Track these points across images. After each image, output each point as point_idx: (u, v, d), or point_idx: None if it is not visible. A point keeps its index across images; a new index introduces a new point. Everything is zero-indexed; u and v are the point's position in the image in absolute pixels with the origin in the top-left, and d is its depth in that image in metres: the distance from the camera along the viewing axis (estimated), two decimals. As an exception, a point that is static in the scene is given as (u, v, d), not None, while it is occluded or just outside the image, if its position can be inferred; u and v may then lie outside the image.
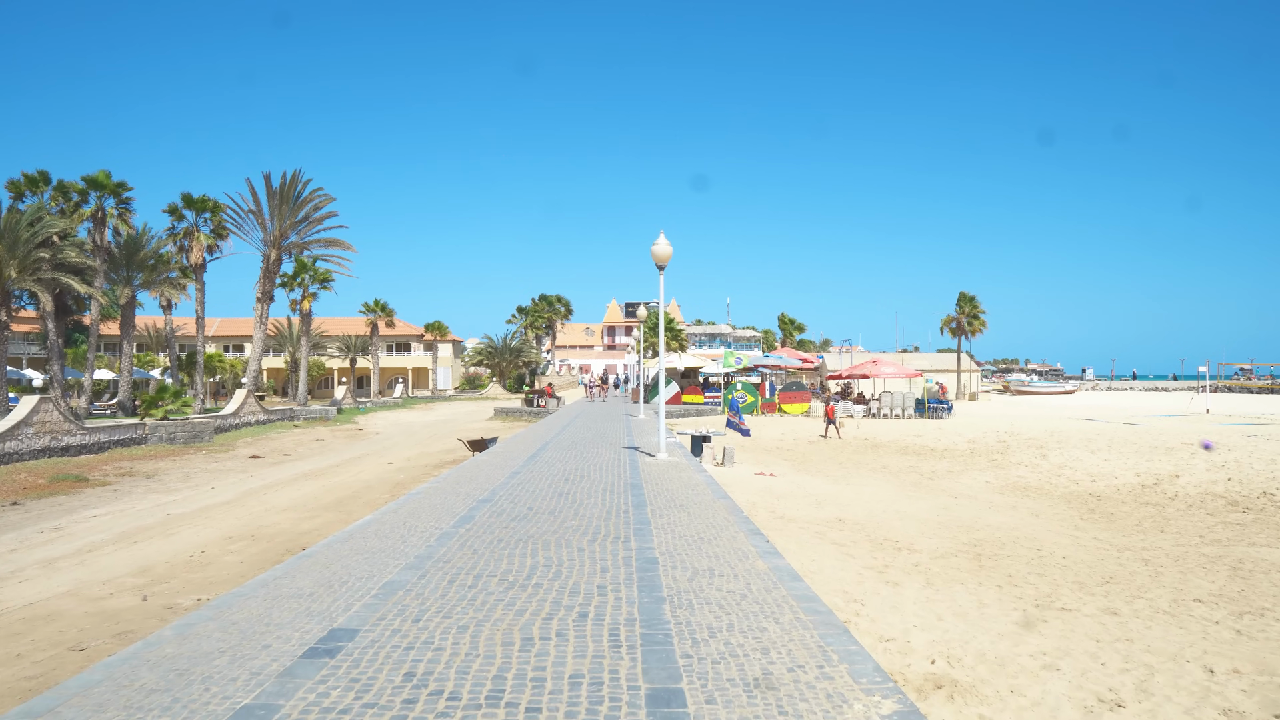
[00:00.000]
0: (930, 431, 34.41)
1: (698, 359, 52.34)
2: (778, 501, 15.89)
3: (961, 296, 69.60)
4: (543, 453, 18.23)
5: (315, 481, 20.44)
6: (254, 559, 11.77)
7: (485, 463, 16.29)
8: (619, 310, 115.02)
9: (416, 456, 26.21)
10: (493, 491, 11.92)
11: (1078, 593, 10.04)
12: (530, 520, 9.57)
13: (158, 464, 25.08)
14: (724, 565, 7.36)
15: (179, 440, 31.02)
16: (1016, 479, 22.41)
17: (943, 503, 17.58)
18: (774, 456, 26.55)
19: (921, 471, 24.17)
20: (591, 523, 9.41)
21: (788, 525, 13.26)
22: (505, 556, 7.69)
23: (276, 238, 47.95)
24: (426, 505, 10.78)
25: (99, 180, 42.13)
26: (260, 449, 30.50)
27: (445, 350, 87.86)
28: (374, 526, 9.30)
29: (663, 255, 16.40)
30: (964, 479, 22.66)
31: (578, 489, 12.18)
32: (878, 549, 12.06)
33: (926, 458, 27.43)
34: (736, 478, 18.61)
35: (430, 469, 21.83)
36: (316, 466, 24.57)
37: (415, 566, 7.30)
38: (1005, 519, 15.75)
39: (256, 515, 15.39)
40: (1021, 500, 18.76)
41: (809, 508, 15.60)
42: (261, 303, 48.02)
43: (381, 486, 18.73)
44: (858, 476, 22.30)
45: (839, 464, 25.37)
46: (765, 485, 18.05)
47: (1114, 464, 24.31)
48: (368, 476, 21.13)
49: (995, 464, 25.48)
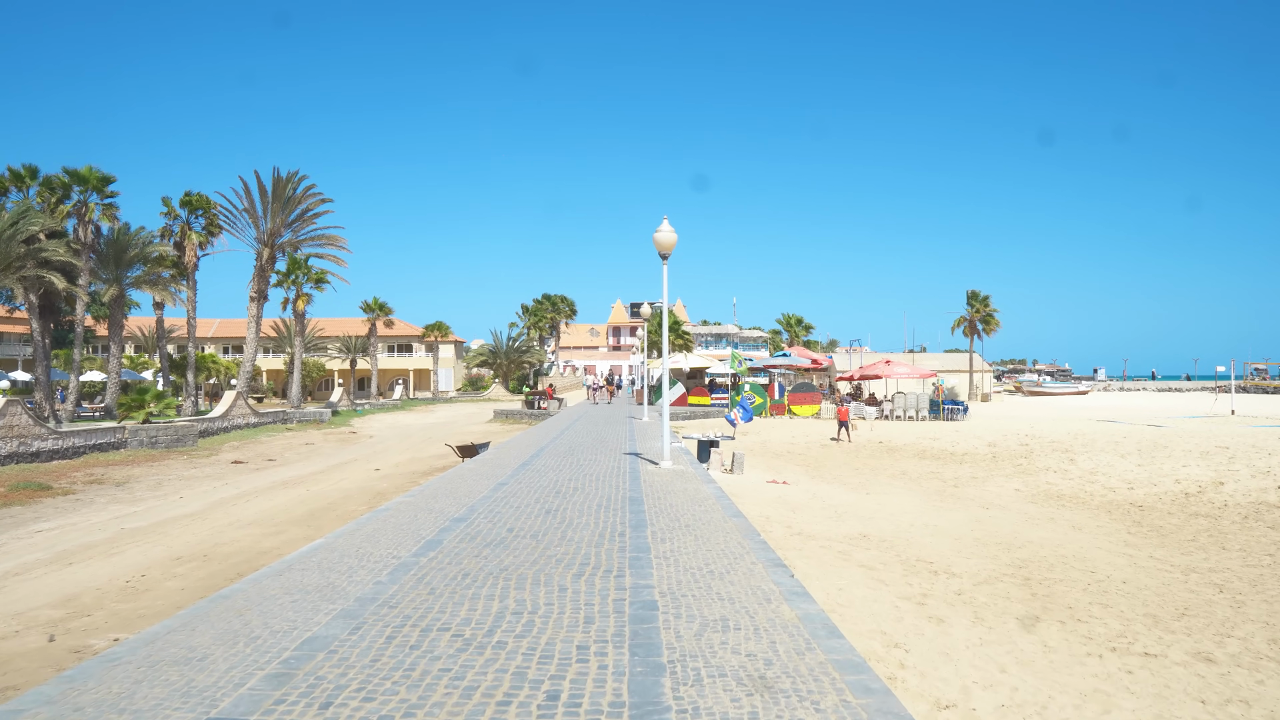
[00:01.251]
0: (947, 434, 32.83)
1: (704, 359, 50.81)
2: (793, 514, 14.38)
3: (973, 295, 67.99)
4: (536, 460, 16.74)
5: (292, 490, 18.98)
6: (199, 584, 10.29)
7: (472, 471, 14.81)
8: (624, 311, 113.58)
9: (406, 462, 24.74)
10: (470, 508, 10.42)
11: (1154, 629, 8.51)
12: (507, 547, 8.07)
13: (132, 470, 23.66)
14: (740, 612, 5.85)
15: (161, 444, 29.62)
16: (1047, 486, 20.85)
17: (974, 514, 16.03)
18: (785, 461, 25.02)
19: (944, 478, 22.61)
20: (580, 549, 7.91)
21: (807, 544, 11.75)
22: (467, 599, 6.19)
23: (270, 236, 46.56)
24: (391, 525, 9.29)
25: (83, 175, 40.79)
26: (245, 454, 29.08)
27: (447, 351, 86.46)
28: (320, 554, 7.83)
29: (666, 243, 14.90)
30: (990, 486, 21.11)
31: (569, 505, 10.68)
32: (911, 572, 10.54)
33: (947, 463, 25.87)
34: (747, 486, 17.10)
35: (417, 476, 20.36)
36: (299, 473, 23.12)
37: (352, 614, 5.80)
38: (1046, 534, 14.21)
39: (217, 530, 13.92)
40: (1058, 511, 17.21)
41: (828, 521, 14.08)
42: (255, 302, 46.63)
43: (361, 496, 17.26)
44: (877, 484, 20.76)
45: (855, 470, 23.82)
46: (778, 495, 16.53)
47: (1149, 470, 22.74)
48: (350, 485, 19.67)
49: (1021, 469, 23.92)
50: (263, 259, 46.21)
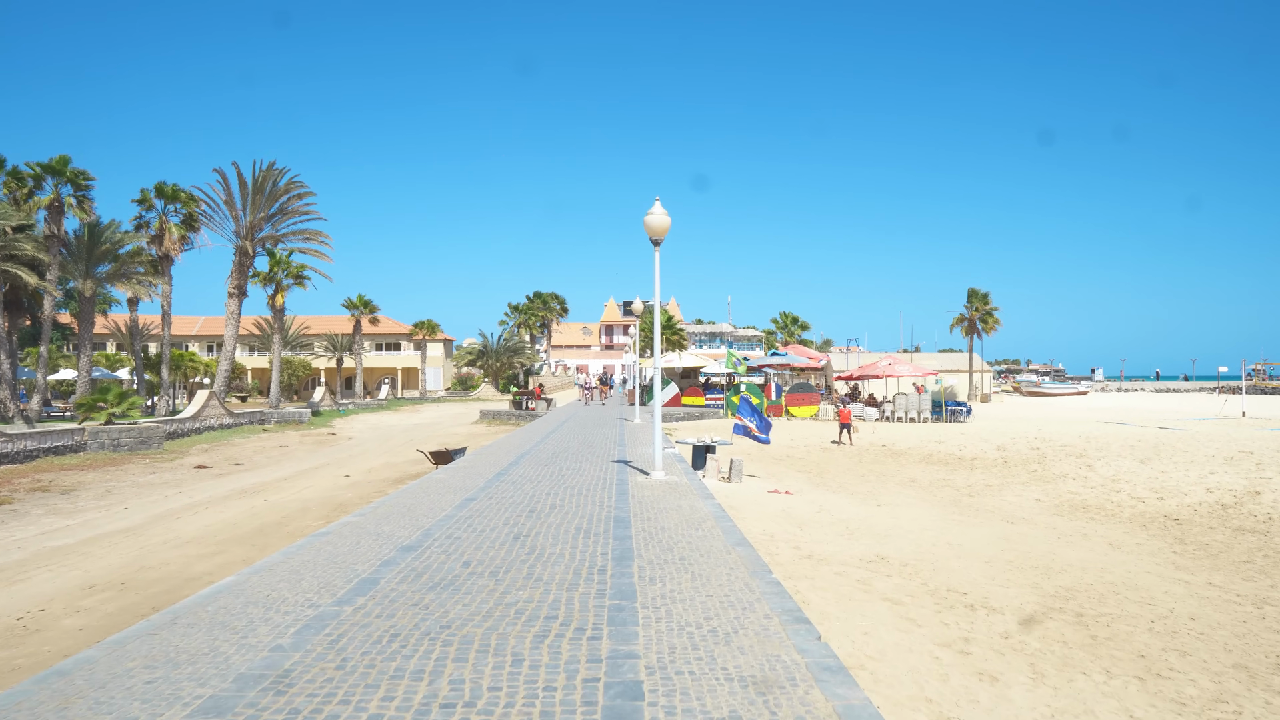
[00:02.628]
0: (952, 437, 31.35)
1: (698, 359, 49.23)
2: (801, 531, 12.80)
3: (972, 294, 66.59)
4: (514, 468, 15.13)
5: (249, 500, 17.32)
6: (103, 623, 8.67)
7: (440, 483, 13.21)
8: (617, 309, 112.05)
9: (379, 468, 23.09)
10: (425, 533, 8.81)
11: (1253, 688, 6.98)
12: (458, 589, 6.48)
13: (84, 476, 21.97)
14: (758, 704, 4.26)
15: (123, 447, 27.91)
16: (1069, 496, 19.34)
17: (999, 531, 14.48)
18: (786, 467, 23.46)
19: (956, 486, 21.09)
20: (549, 593, 6.32)
21: (820, 570, 10.17)
22: (386, 678, 4.59)
23: (249, 230, 44.85)
24: (325, 555, 7.69)
25: (55, 167, 39.00)
26: (212, 457, 27.39)
27: (436, 350, 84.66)
28: (224, 598, 6.23)
29: (658, 227, 13.32)
30: (1007, 496, 19.59)
31: (543, 528, 9.08)
32: (945, 607, 8.98)
33: (956, 468, 24.36)
34: (747, 498, 15.52)
35: (386, 485, 18.73)
36: (263, 480, 21.45)
37: (220, 708, 4.20)
38: (1084, 554, 12.66)
39: (149, 550, 12.28)
40: (1088, 525, 15.67)
41: (840, 539, 12.52)
42: (234, 298, 44.87)
43: (320, 509, 15.61)
44: (886, 493, 19.21)
45: (860, 477, 22.28)
46: (782, 508, 14.95)
47: (1175, 477, 21.27)
48: (312, 494, 18.01)
49: (1037, 476, 22.42)
50: (242, 254, 44.51)
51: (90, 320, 43.05)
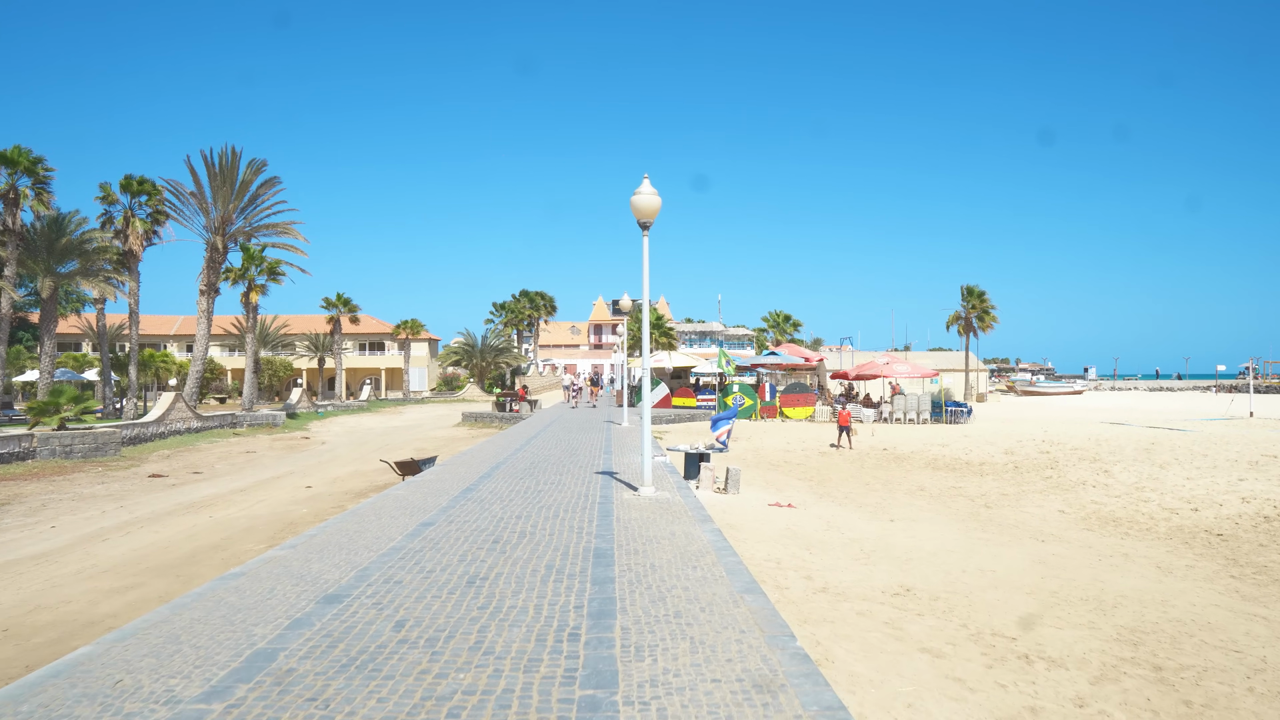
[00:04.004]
0: (955, 440, 29.83)
1: (689, 358, 47.61)
2: (811, 555, 11.19)
3: (970, 291, 65.16)
4: (486, 481, 13.46)
5: (193, 517, 15.57)
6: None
7: (397, 501, 11.54)
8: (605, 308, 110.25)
9: (346, 477, 21.35)
10: (361, 574, 7.15)
11: None
12: (377, 672, 4.82)
13: (23, 488, 20.16)
14: None
15: (76, 454, 26.05)
16: (1094, 506, 17.83)
17: (1030, 551, 12.90)
18: (784, 474, 21.88)
19: (970, 495, 19.56)
20: (499, 679, 4.68)
21: (839, 608, 8.57)
22: None
23: (220, 224, 42.88)
24: (220, 613, 6.02)
25: (10, 157, 37.07)
26: (172, 465, 25.58)
27: (420, 350, 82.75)
28: (34, 701, 4.54)
29: (647, 208, 11.69)
30: (1027, 507, 18.06)
31: (506, 567, 7.43)
32: (995, 658, 7.39)
33: (965, 475, 22.84)
34: (747, 513, 13.91)
35: (347, 498, 17.01)
36: (218, 491, 19.70)
37: None
38: (1134, 581, 11.10)
39: (55, 583, 10.55)
40: (1124, 542, 14.14)
41: (856, 565, 10.92)
42: (205, 296, 42.85)
43: (267, 528, 13.88)
44: (896, 504, 17.65)
45: (866, 485, 20.71)
46: (787, 524, 13.34)
47: (1203, 484, 19.78)
48: (265, 509, 16.28)
49: (1053, 484, 20.92)
50: (212, 250, 42.55)
51: (52, 319, 41.08)
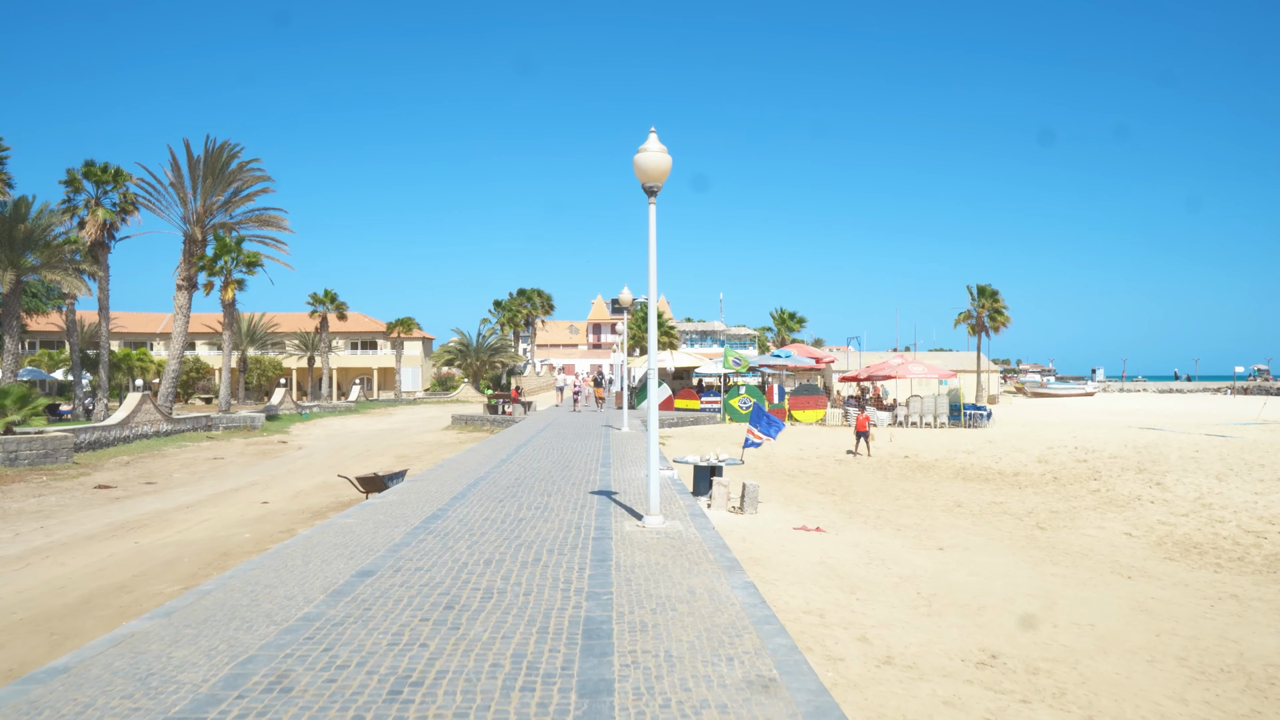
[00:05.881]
0: (980, 446, 27.53)
1: (693, 358, 45.33)
2: (859, 602, 8.91)
3: (981, 290, 62.92)
4: (458, 504, 11.18)
5: (116, 542, 13.27)
6: None
7: (341, 533, 9.27)
8: (605, 307, 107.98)
9: (312, 490, 19.02)
10: (239, 669, 4.86)
11: None
12: None
13: (-54, 501, 17.86)
14: None
15: (22, 461, 23.76)
16: (1162, 529, 15.55)
17: (1121, 593, 10.61)
18: (802, 487, 19.61)
19: (1015, 513, 17.29)
20: None
21: (915, 690, 6.30)
22: None
23: (200, 215, 40.52)
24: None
25: (-37, 141, 34.75)
26: (126, 474, 23.29)
27: (414, 349, 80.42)
28: None
29: (654, 169, 9.40)
30: (1085, 528, 15.78)
31: (453, 658, 5.14)
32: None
33: (1002, 487, 20.58)
34: (771, 542, 11.64)
35: (304, 518, 14.72)
36: (162, 507, 17.39)
37: None
38: (1272, 639, 8.82)
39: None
40: (1221, 576, 11.86)
41: (919, 618, 8.65)
42: (183, 291, 40.46)
43: (196, 559, 11.58)
44: (937, 526, 15.36)
45: (895, 500, 18.43)
46: (820, 556, 11.05)
47: (1274, 499, 17.50)
48: (204, 532, 13.98)
49: (1103, 499, 18.65)
50: (191, 242, 40.19)
51: (15, 314, 38.74)
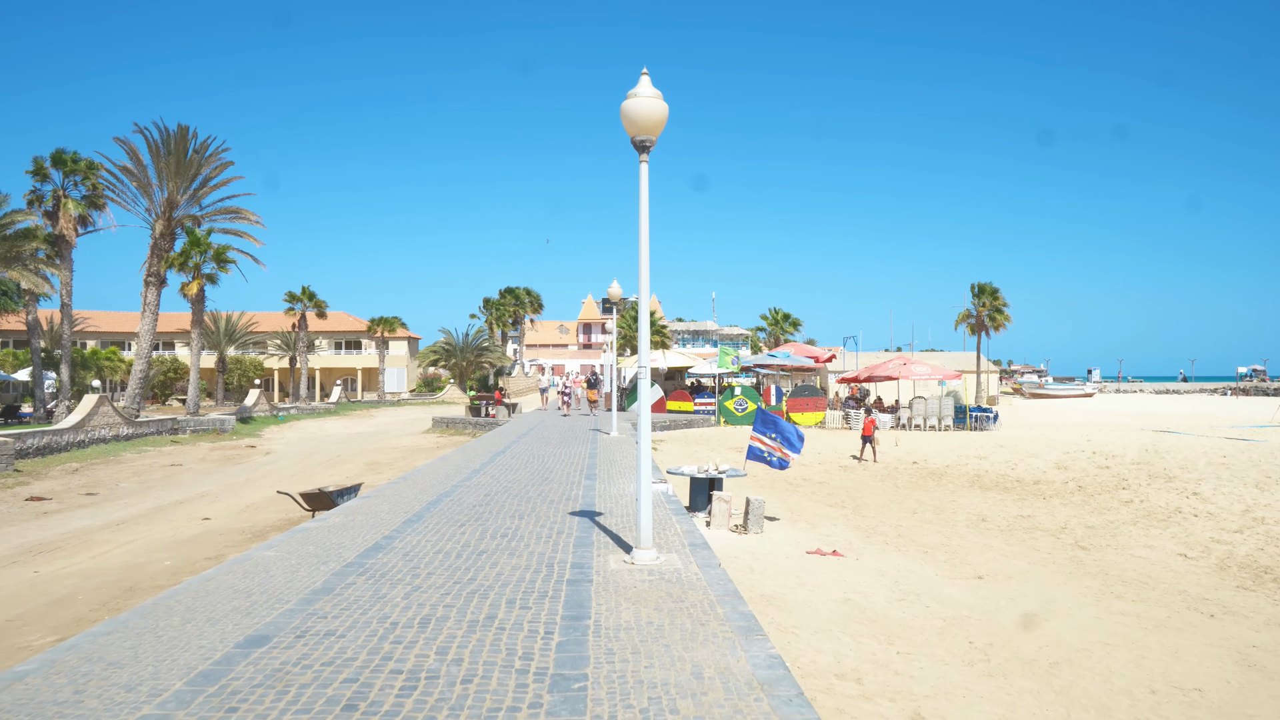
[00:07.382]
0: (991, 450, 25.79)
1: (685, 358, 43.53)
2: (900, 658, 7.12)
3: (981, 289, 61.39)
4: (408, 530, 9.33)
5: (16, 571, 11.36)
6: None
7: (256, 570, 7.43)
8: (595, 306, 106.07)
9: (263, 503, 17.10)
10: None
11: None
12: None
13: None
14: None
15: (-44, 469, 21.76)
16: (1219, 548, 13.80)
17: (1212, 638, 8.83)
18: (808, 498, 17.80)
19: (1045, 528, 15.52)
20: None
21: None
22: None
23: (166, 207, 38.46)
24: None
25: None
26: (68, 483, 21.31)
27: (399, 349, 78.36)
28: None
29: (646, 118, 7.58)
30: (1131, 546, 14.02)
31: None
32: None
33: (1025, 497, 18.83)
34: (783, 569, 9.83)
35: (243, 539, 12.84)
36: (92, 523, 15.46)
37: None
38: None
39: None
40: (1308, 610, 10.14)
41: (981, 682, 6.85)
42: (151, 287, 38.33)
43: (94, 596, 9.70)
44: (966, 546, 13.56)
45: (912, 513, 16.64)
46: (843, 591, 9.24)
47: (1328, 512, 15.82)
48: (123, 556, 12.08)
49: (1139, 511, 16.91)
50: (158, 235, 38.10)
51: (-30, 311, 36.73)
